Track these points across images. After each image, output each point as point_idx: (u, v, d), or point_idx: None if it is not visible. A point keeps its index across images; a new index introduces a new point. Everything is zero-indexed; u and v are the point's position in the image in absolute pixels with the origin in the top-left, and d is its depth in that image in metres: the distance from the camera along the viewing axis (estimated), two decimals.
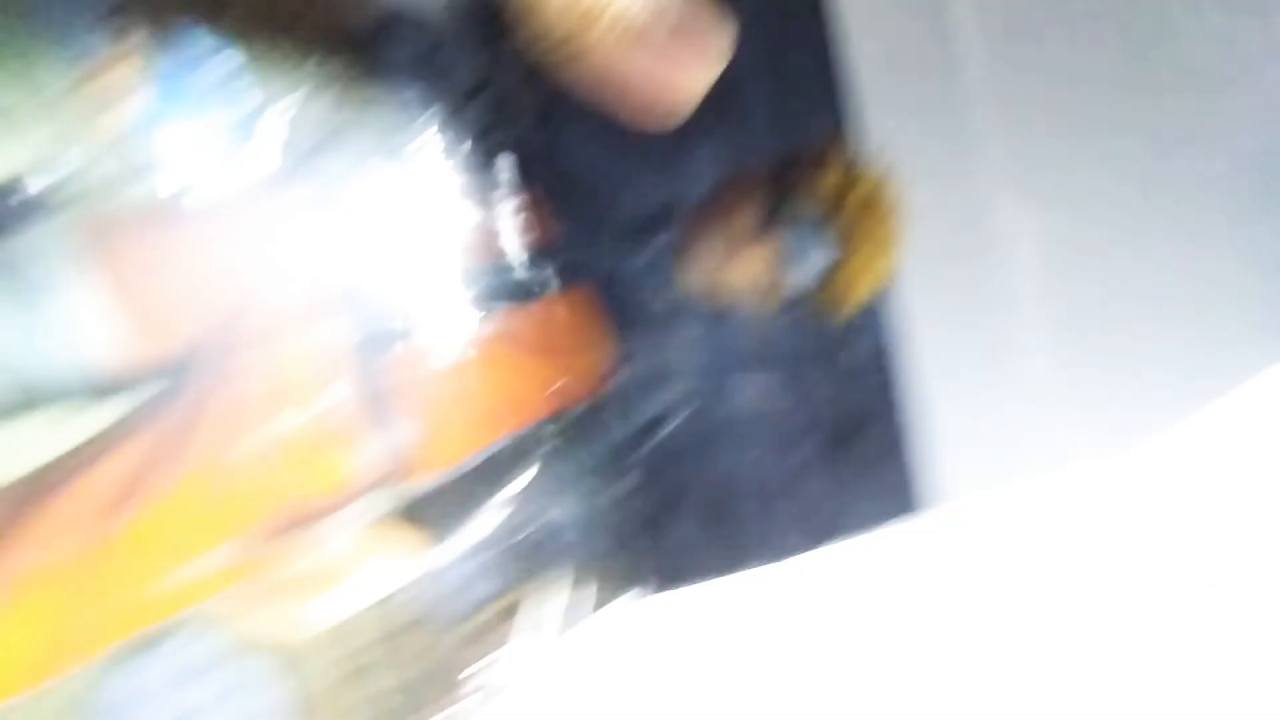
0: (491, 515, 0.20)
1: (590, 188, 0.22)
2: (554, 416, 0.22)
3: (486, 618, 0.18)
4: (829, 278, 0.23)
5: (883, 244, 0.23)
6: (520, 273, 0.21)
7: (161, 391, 0.16)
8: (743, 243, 0.23)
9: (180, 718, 0.16)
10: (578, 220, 0.22)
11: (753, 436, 0.21)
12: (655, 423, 0.22)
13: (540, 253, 0.21)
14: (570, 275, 0.22)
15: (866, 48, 0.18)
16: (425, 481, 0.19)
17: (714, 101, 0.23)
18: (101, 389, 0.16)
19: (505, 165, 0.22)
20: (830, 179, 0.23)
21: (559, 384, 0.22)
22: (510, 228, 0.21)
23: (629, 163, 0.22)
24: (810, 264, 0.23)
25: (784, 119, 0.20)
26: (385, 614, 0.17)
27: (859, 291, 0.24)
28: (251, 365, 0.18)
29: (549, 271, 0.21)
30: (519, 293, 0.21)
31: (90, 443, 0.15)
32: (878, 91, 0.18)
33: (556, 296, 0.21)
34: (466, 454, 0.20)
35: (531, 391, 0.21)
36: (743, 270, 0.23)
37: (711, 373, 0.22)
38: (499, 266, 0.20)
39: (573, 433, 0.22)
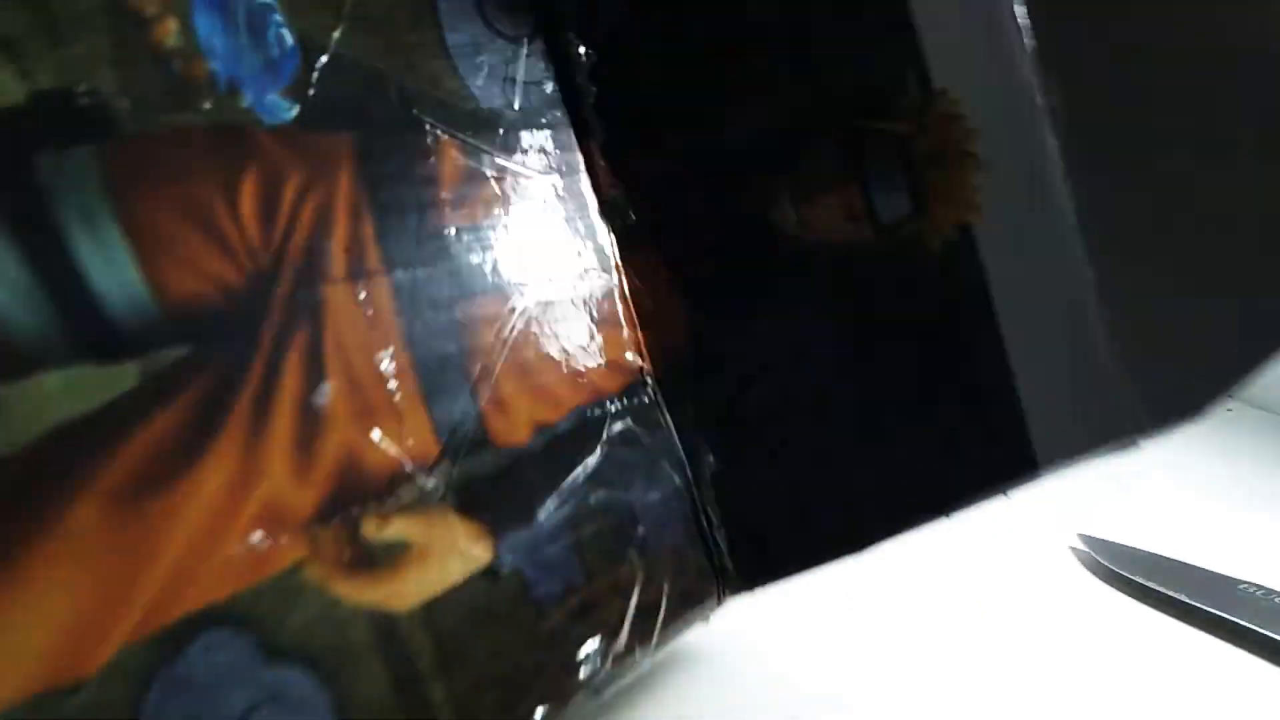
0: (556, 503, 0.17)
1: (655, 132, 0.19)
2: (623, 392, 0.18)
3: (558, 618, 0.14)
4: (913, 216, 0.20)
5: (964, 178, 0.20)
6: (575, 230, 0.18)
7: (190, 355, 0.13)
8: (821, 185, 0.20)
9: None
10: (642, 171, 0.19)
11: (837, 400, 0.17)
12: (739, 392, 0.19)
13: (603, 213, 0.18)
14: (635, 237, 0.19)
15: None
16: (482, 464, 0.16)
17: (783, 35, 0.20)
18: (118, 347, 0.12)
19: (566, 116, 0.19)
20: (906, 109, 0.20)
21: (627, 357, 0.19)
22: (572, 191, 0.18)
23: (694, 111, 0.19)
24: (895, 202, 0.21)
25: (859, 50, 0.17)
26: (439, 613, 0.13)
27: (941, 229, 0.21)
28: (294, 324, 0.15)
29: (612, 233, 0.19)
30: (579, 254, 0.18)
31: (109, 409, 0.12)
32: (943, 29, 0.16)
33: (621, 263, 0.19)
34: (526, 434, 0.17)
35: (596, 365, 0.18)
36: (824, 214, 0.20)
37: (796, 329, 0.19)
38: (549, 221, 0.17)
39: (645, 410, 0.19)
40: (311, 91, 0.17)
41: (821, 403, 0.21)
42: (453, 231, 0.19)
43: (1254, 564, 0.33)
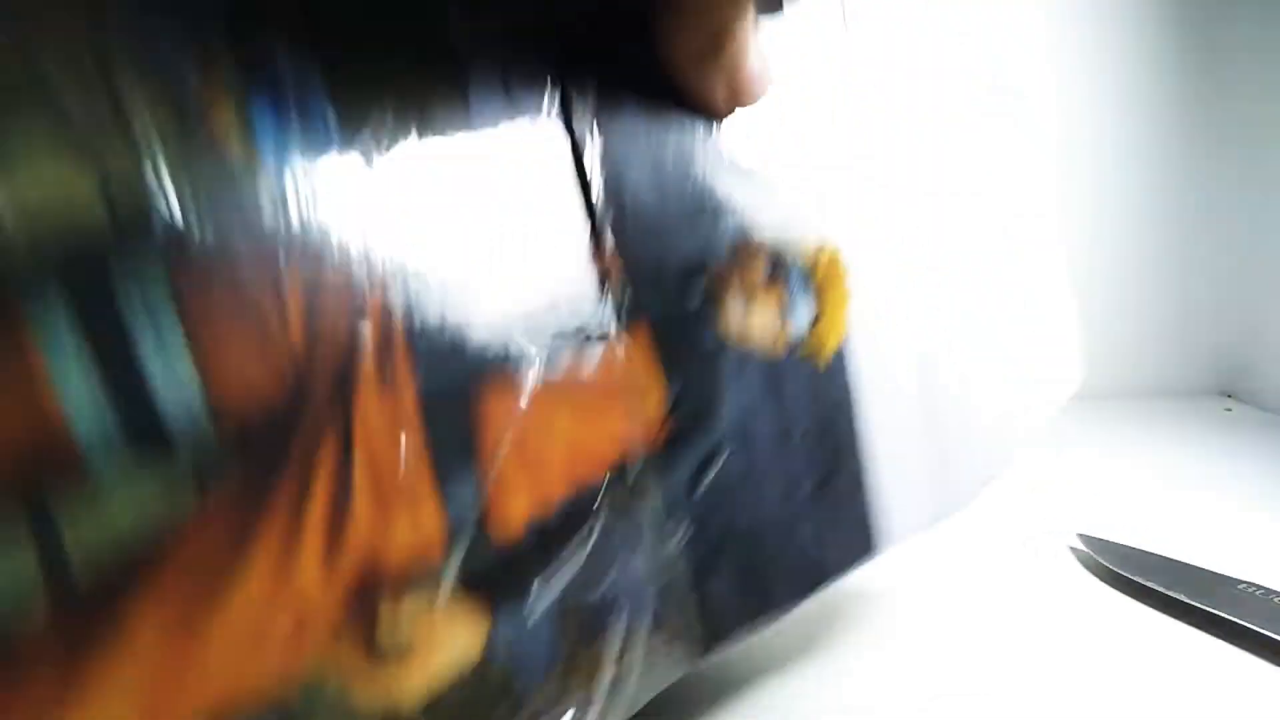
0: (542, 594, 0.18)
1: (649, 227, 0.22)
2: (610, 471, 0.21)
3: (536, 703, 0.14)
4: (813, 326, 0.25)
5: (839, 306, 0.26)
6: (589, 312, 0.19)
7: (236, 459, 0.14)
8: (755, 294, 0.24)
9: None
10: (639, 260, 0.22)
11: (768, 482, 0.19)
12: (702, 469, 0.23)
13: (605, 291, 0.20)
14: (631, 316, 0.22)
15: None
16: (482, 559, 0.17)
17: (737, 166, 0.24)
18: (174, 454, 0.13)
19: (577, 195, 0.21)
20: (807, 244, 0.25)
21: (620, 432, 0.20)
22: (581, 262, 0.20)
23: (682, 207, 0.23)
24: (801, 313, 0.25)
25: (783, 188, 0.20)
26: (438, 710, 0.14)
27: (832, 339, 0.25)
28: (328, 418, 0.15)
29: (613, 311, 0.20)
30: (586, 333, 0.19)
31: (162, 520, 0.12)
32: None
33: (618, 338, 0.20)
34: (531, 513, 0.18)
35: (595, 441, 0.19)
36: (756, 319, 0.23)
37: (741, 417, 0.24)
38: (568, 304, 0.19)
39: (632, 484, 0.22)
40: None
41: (760, 483, 0.24)
42: (473, 316, 0.19)
43: (1254, 564, 0.32)
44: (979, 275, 0.30)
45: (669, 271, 0.23)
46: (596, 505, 0.21)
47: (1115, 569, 0.33)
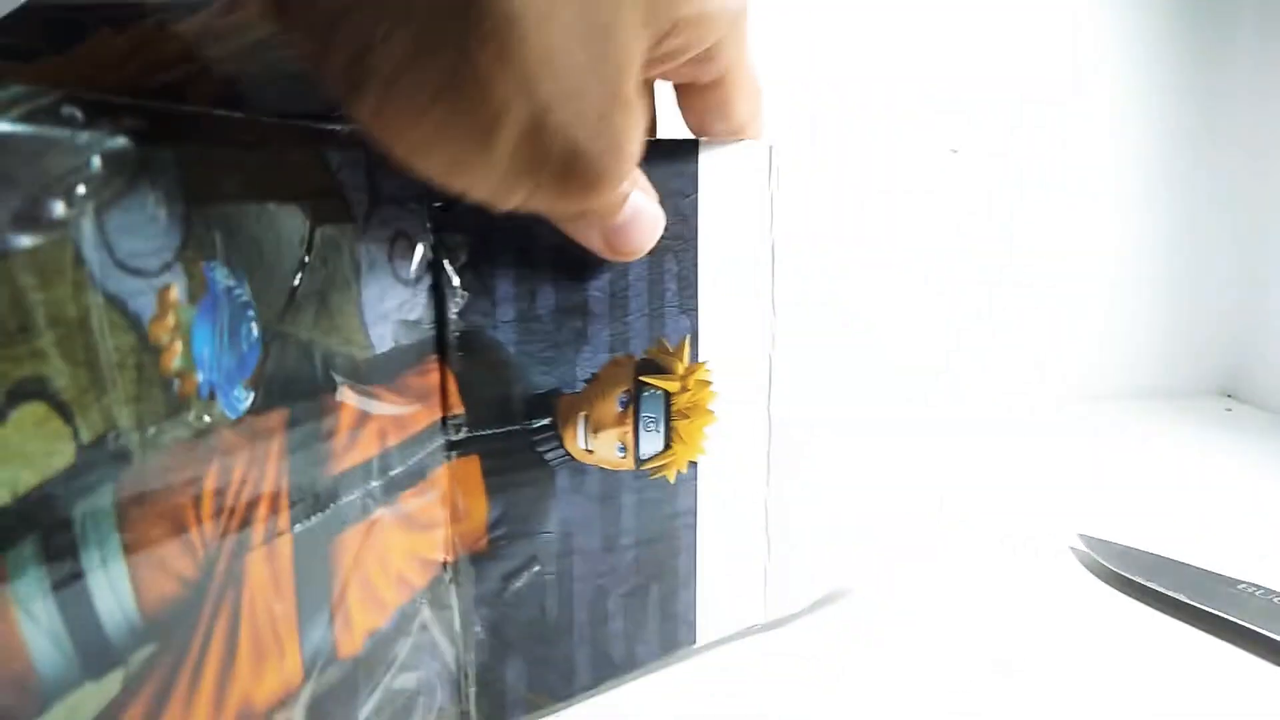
0: (371, 699, 0.21)
1: (502, 365, 0.24)
2: (430, 584, 0.23)
3: None
4: (666, 449, 0.27)
5: (700, 428, 0.27)
6: (421, 447, 0.21)
7: (155, 650, 0.14)
8: (607, 423, 0.25)
9: None
10: (483, 395, 0.24)
11: (580, 587, 0.21)
12: (512, 577, 0.25)
13: (442, 429, 0.22)
14: (464, 449, 0.23)
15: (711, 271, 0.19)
16: (329, 680, 0.19)
17: (608, 305, 0.25)
18: (110, 661, 0.13)
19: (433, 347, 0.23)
20: (676, 373, 0.26)
21: (445, 540, 0.24)
22: (426, 402, 0.21)
23: (543, 343, 0.24)
24: (652, 440, 0.26)
25: (657, 322, 0.21)
26: None
27: (679, 464, 0.27)
28: (224, 595, 0.16)
29: (445, 446, 0.22)
30: (424, 465, 0.21)
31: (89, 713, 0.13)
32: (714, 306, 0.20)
33: (446, 469, 0.22)
34: (370, 626, 0.20)
35: (423, 551, 0.21)
36: (603, 444, 0.25)
37: (564, 531, 0.25)
38: (404, 444, 0.20)
39: (439, 595, 0.24)
40: (265, 377, 0.17)
41: (570, 588, 0.26)
42: (339, 475, 0.20)
43: (1254, 564, 0.32)
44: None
45: (515, 403, 0.24)
46: (420, 603, 0.22)
47: (1115, 569, 0.33)
